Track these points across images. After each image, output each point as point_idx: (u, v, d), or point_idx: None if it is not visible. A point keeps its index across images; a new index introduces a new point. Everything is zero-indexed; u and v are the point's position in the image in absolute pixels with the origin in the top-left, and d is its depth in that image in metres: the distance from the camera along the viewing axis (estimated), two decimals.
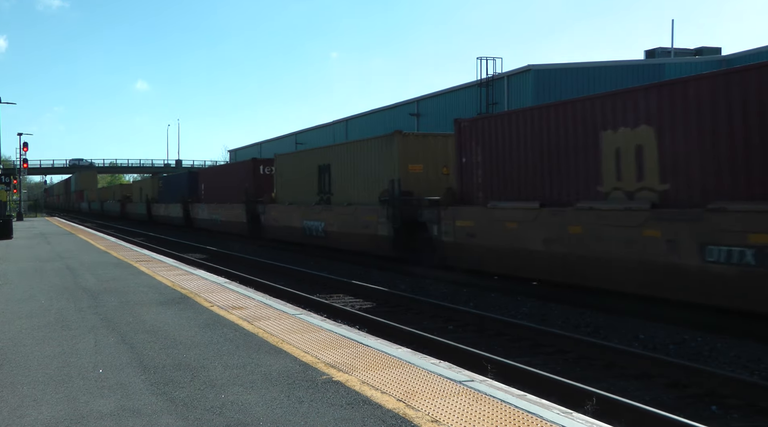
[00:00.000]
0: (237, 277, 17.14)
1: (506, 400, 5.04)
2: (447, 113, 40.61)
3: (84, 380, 5.77)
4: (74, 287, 11.99)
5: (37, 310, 9.50)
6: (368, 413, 4.79)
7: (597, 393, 6.92)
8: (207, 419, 4.71)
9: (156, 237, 34.72)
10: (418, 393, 5.23)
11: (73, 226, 40.96)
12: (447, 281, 15.73)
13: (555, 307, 12.25)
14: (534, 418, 4.63)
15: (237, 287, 11.83)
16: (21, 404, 5.12)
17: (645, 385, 7.89)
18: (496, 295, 13.79)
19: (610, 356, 8.77)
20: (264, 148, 73.91)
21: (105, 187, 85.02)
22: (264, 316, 8.70)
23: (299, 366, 6.12)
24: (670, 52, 44.09)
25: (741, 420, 6.74)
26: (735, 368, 8.41)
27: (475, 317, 11.38)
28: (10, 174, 43.18)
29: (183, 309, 9.38)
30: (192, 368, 6.11)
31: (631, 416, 6.40)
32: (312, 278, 17.22)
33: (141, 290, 11.45)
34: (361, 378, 5.68)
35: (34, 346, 7.16)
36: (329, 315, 11.73)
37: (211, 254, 24.99)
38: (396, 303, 13.43)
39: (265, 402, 5.08)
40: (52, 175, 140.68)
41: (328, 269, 19.35)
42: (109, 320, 8.62)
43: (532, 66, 35.36)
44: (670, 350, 9.39)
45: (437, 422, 4.57)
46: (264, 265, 20.51)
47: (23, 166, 60.44)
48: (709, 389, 7.48)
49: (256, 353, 6.66)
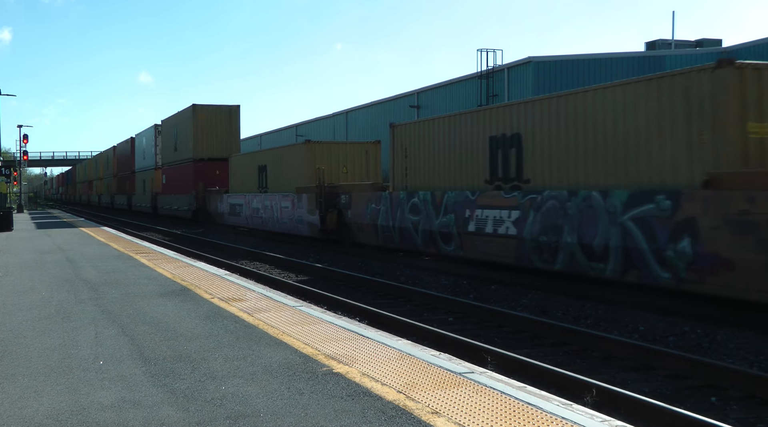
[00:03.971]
0: (237, 268, 17.16)
1: (506, 391, 5.05)
2: (447, 105, 40.55)
3: (85, 372, 5.78)
4: (75, 278, 12.00)
5: (37, 302, 9.52)
6: (368, 404, 4.80)
7: (597, 385, 6.94)
8: (207, 411, 4.72)
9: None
10: (419, 385, 5.24)
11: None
12: (447, 273, 15.75)
13: (555, 299, 12.27)
14: (534, 409, 4.64)
15: (237, 278, 11.84)
16: (22, 396, 5.13)
17: (645, 377, 7.91)
18: (496, 287, 13.81)
19: (610, 348, 8.79)
20: (264, 140, 73.78)
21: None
22: (264, 308, 8.71)
23: (299, 358, 6.13)
24: (670, 44, 43.98)
25: (740, 411, 6.76)
26: (735, 359, 8.43)
27: (476, 308, 11.40)
28: (10, 166, 43.12)
29: (183, 301, 9.39)
30: (192, 360, 6.12)
31: (630, 408, 6.42)
32: (309, 270, 17.23)
33: (141, 281, 11.47)
34: (361, 370, 5.69)
35: (35, 338, 7.17)
36: (329, 307, 11.74)
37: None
38: (396, 295, 13.45)
39: (266, 394, 5.09)
40: (52, 168, 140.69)
41: (327, 261, 19.37)
42: (109, 312, 8.63)
43: (532, 58, 35.26)
44: (670, 341, 9.41)
45: (437, 413, 4.58)
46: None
47: (23, 159, 60.39)
48: (709, 381, 7.50)
49: (256, 344, 6.67)
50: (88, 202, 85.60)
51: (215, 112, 39.26)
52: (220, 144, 38.74)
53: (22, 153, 59.08)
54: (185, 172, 40.14)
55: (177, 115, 42.85)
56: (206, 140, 38.56)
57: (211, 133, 38.77)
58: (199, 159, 38.45)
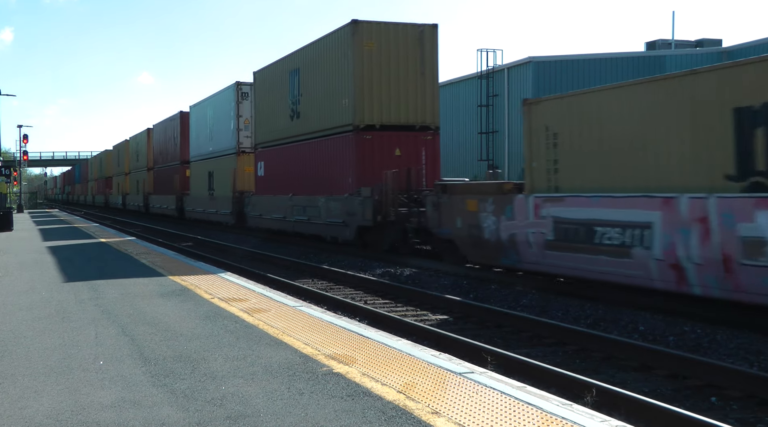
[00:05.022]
0: (236, 268, 17.14)
1: (506, 391, 5.05)
2: (448, 105, 40.54)
3: (85, 372, 5.78)
4: (74, 278, 12.00)
5: (37, 302, 9.51)
6: (368, 405, 4.80)
7: (596, 385, 6.94)
8: (207, 411, 4.72)
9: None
10: (419, 385, 5.24)
11: None
12: (447, 273, 15.74)
13: (555, 298, 12.26)
14: (534, 409, 4.65)
15: (237, 278, 11.84)
16: (22, 396, 5.13)
17: (645, 377, 7.90)
18: (496, 286, 13.81)
19: (610, 348, 8.79)
20: None
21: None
22: (264, 308, 8.71)
23: (299, 358, 6.13)
24: (670, 44, 43.98)
25: (740, 411, 6.75)
26: (735, 359, 8.42)
27: (476, 308, 11.40)
28: (10, 166, 43.14)
29: (183, 301, 9.39)
30: (192, 360, 6.12)
31: (630, 408, 6.42)
32: (311, 270, 17.23)
33: (141, 281, 11.46)
34: (361, 370, 5.69)
35: (35, 338, 7.17)
36: (329, 307, 11.74)
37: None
38: (396, 294, 13.44)
39: (266, 394, 5.09)
40: (52, 168, 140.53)
41: (327, 261, 19.36)
42: (109, 312, 8.63)
43: (532, 58, 35.26)
44: (669, 341, 9.40)
45: (437, 413, 4.58)
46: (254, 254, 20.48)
47: (23, 159, 60.39)
48: (709, 381, 7.50)
49: (256, 344, 6.68)
50: (105, 203, 65.66)
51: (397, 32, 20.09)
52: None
53: (22, 153, 59.07)
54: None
55: (321, 42, 21.95)
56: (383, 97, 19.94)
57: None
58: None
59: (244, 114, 29.00)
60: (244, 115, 28.99)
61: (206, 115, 33.70)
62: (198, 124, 35.36)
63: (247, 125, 28.80)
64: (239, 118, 29.00)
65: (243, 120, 28.96)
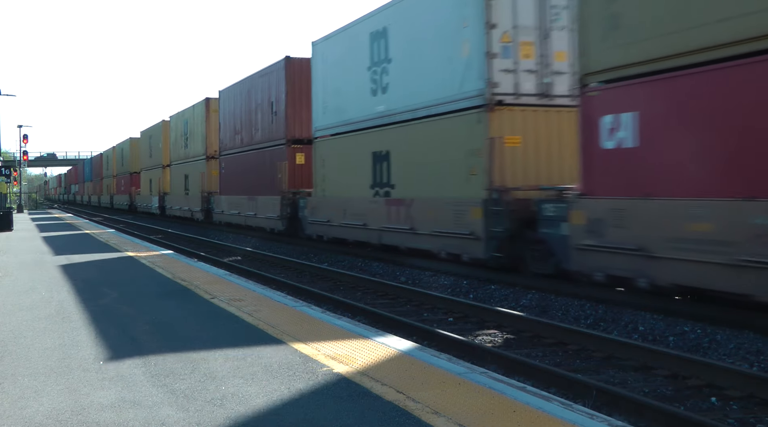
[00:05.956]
0: (236, 268, 17.15)
1: (506, 392, 5.05)
2: None
3: (84, 372, 5.78)
4: (75, 278, 12.00)
5: (38, 302, 9.52)
6: (368, 405, 4.80)
7: (596, 385, 6.94)
8: (207, 411, 4.72)
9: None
10: (418, 385, 5.24)
11: None
12: (448, 273, 15.74)
13: (555, 299, 12.26)
14: (534, 410, 4.64)
15: (237, 278, 11.84)
16: (22, 396, 5.14)
17: (645, 377, 7.90)
18: (496, 286, 13.80)
19: (610, 348, 8.79)
20: None
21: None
22: (264, 308, 8.71)
23: (299, 358, 6.13)
24: None
25: (740, 411, 6.76)
26: (735, 359, 8.42)
27: (476, 308, 11.40)
28: (10, 166, 43.16)
29: (183, 301, 9.40)
30: (192, 360, 6.12)
31: (630, 408, 6.42)
32: (311, 270, 17.23)
33: (141, 281, 11.47)
34: (361, 370, 5.69)
35: (35, 338, 7.17)
36: (329, 307, 11.74)
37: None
38: (396, 295, 13.45)
39: (266, 394, 5.09)
40: (52, 168, 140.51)
41: (328, 261, 19.38)
42: (109, 312, 8.63)
43: None
44: (669, 341, 9.40)
45: (437, 414, 4.58)
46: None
47: (23, 159, 60.40)
48: (709, 381, 7.50)
49: (256, 344, 6.68)
50: (130, 205, 51.76)
51: None
52: None
53: (22, 153, 59.09)
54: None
55: None
56: None
57: None
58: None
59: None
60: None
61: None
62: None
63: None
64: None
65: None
